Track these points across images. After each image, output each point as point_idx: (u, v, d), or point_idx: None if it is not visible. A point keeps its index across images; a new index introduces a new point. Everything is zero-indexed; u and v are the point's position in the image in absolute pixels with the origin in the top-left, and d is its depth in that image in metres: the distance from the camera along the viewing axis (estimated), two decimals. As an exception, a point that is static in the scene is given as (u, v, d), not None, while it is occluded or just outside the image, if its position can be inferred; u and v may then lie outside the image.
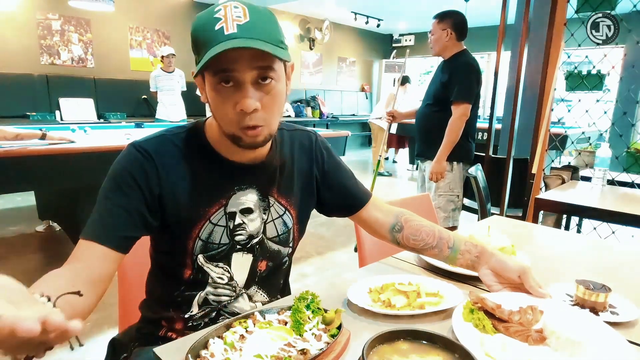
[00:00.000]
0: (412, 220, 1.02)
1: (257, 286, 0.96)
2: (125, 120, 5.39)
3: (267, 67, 0.74)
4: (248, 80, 0.73)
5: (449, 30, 2.50)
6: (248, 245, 0.91)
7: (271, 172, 0.91)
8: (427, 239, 0.99)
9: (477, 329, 0.76)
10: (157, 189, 0.80)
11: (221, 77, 0.73)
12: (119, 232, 0.76)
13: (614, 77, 3.22)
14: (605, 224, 2.22)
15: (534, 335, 0.74)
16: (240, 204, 0.88)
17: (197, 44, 0.74)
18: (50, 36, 5.60)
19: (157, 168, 0.80)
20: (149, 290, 0.98)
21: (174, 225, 0.84)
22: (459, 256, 0.96)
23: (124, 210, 0.77)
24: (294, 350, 0.67)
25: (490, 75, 6.79)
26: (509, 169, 2.78)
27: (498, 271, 0.91)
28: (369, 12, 8.47)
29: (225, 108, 0.75)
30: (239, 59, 0.71)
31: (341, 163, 1.05)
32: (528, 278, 0.87)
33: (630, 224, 1.85)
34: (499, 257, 0.92)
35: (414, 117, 2.84)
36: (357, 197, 1.03)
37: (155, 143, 0.83)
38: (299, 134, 1.00)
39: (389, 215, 1.03)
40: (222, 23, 0.71)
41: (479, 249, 0.95)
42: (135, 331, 0.97)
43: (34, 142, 2.40)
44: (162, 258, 0.92)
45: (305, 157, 0.98)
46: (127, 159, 0.80)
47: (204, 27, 0.73)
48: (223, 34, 0.70)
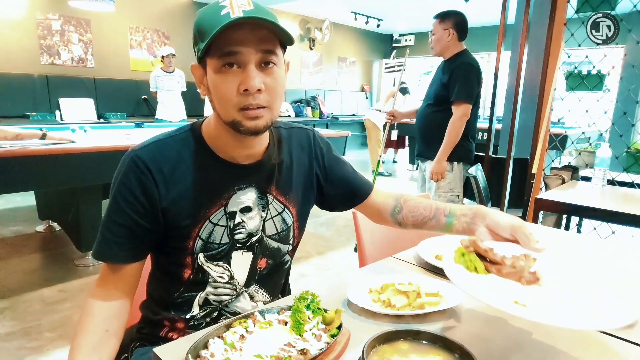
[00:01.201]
0: (410, 200, 1.03)
1: (257, 285, 0.96)
2: (125, 120, 5.39)
3: (270, 51, 0.76)
4: (252, 62, 0.75)
5: (451, 30, 2.50)
6: (248, 244, 0.91)
7: (269, 170, 0.92)
8: (424, 212, 0.99)
9: (469, 270, 0.75)
10: (157, 198, 0.81)
11: (225, 60, 0.74)
12: (121, 248, 0.82)
13: (614, 77, 3.22)
14: (605, 224, 2.22)
15: (527, 276, 0.73)
16: (240, 203, 0.88)
17: (201, 31, 0.75)
18: (50, 36, 5.60)
19: (154, 179, 0.81)
20: (150, 291, 0.98)
21: (176, 228, 0.84)
22: (455, 221, 0.94)
23: (124, 227, 0.82)
24: (294, 350, 0.67)
25: (490, 75, 6.79)
26: (509, 169, 2.78)
27: (492, 229, 0.88)
28: (369, 12, 8.47)
29: (228, 90, 0.76)
30: (244, 41, 0.74)
31: (341, 157, 1.06)
32: (520, 234, 0.82)
33: (630, 224, 1.85)
34: (492, 214, 0.89)
35: (414, 116, 2.84)
36: (361, 188, 1.05)
37: (153, 150, 0.83)
38: (297, 131, 1.01)
39: (390, 199, 1.05)
40: (228, 9, 0.73)
41: (474, 211, 0.92)
42: (135, 331, 0.97)
43: (34, 142, 2.40)
44: (162, 258, 0.92)
45: (304, 155, 0.99)
46: (125, 174, 0.82)
47: (209, 15, 0.75)
48: (229, 17, 0.72)
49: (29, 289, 2.53)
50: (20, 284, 2.58)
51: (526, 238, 0.80)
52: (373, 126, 6.63)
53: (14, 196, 4.54)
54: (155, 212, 0.82)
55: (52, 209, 3.50)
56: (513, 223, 0.84)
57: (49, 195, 3.43)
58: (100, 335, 0.80)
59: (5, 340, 2.03)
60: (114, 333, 0.83)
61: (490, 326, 0.83)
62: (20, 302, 2.38)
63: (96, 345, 0.80)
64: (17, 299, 2.41)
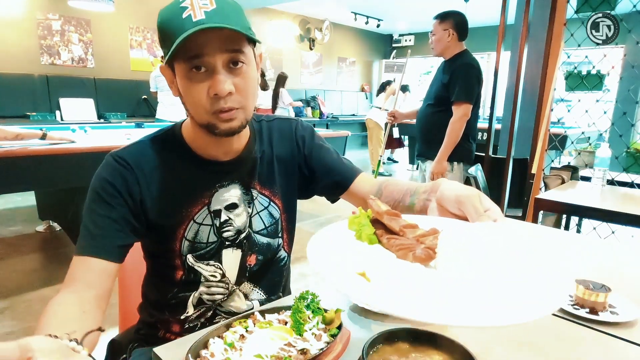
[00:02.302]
0: (390, 184, 0.93)
1: (250, 282, 0.95)
2: (126, 120, 5.39)
3: (237, 50, 0.74)
4: (220, 64, 0.73)
5: (451, 30, 2.50)
6: (236, 241, 0.91)
7: (251, 165, 0.91)
8: (396, 196, 0.88)
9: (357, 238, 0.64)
10: (138, 195, 0.81)
11: (192, 64, 0.73)
12: (109, 242, 0.77)
13: (613, 77, 3.22)
14: (605, 224, 2.22)
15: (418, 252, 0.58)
16: (225, 201, 0.88)
17: (165, 35, 0.74)
18: (50, 36, 5.60)
19: (136, 175, 0.81)
20: (145, 294, 0.98)
21: (159, 228, 0.84)
22: (415, 200, 0.83)
23: (110, 220, 0.78)
24: (294, 350, 0.67)
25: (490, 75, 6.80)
26: (508, 169, 2.78)
27: (440, 203, 0.72)
28: (369, 12, 8.47)
29: (198, 95, 0.75)
30: (209, 43, 0.72)
31: (325, 144, 1.01)
32: (468, 206, 0.66)
33: (630, 224, 1.85)
34: (444, 186, 0.73)
35: (414, 117, 2.84)
36: (344, 174, 0.97)
37: (133, 150, 0.84)
38: (278, 122, 0.99)
39: (374, 186, 0.96)
40: (189, 11, 0.71)
41: (431, 185, 0.80)
42: (134, 332, 0.98)
43: (34, 142, 2.40)
44: (153, 261, 0.92)
45: (285, 144, 0.97)
46: (105, 170, 0.81)
47: (170, 18, 0.73)
48: (191, 21, 0.70)
49: (29, 289, 2.53)
50: (20, 284, 2.58)
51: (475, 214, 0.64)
52: (375, 125, 6.62)
53: (14, 196, 4.54)
54: (137, 209, 0.81)
55: (52, 209, 3.50)
56: (459, 194, 0.67)
57: (49, 195, 3.42)
58: (77, 313, 0.69)
59: (5, 340, 2.02)
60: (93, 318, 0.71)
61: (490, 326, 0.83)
62: (20, 302, 2.38)
63: (72, 318, 0.67)
64: (17, 299, 2.41)
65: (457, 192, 0.68)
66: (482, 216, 0.63)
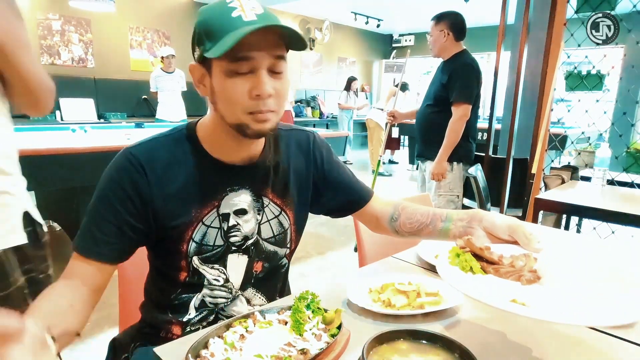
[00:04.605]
0: (408, 207, 1.01)
1: (253, 288, 0.95)
2: (126, 121, 5.40)
3: (282, 56, 0.77)
4: (265, 66, 0.75)
5: (446, 31, 2.50)
6: (243, 247, 0.90)
7: (264, 172, 0.91)
8: (421, 219, 0.97)
9: (464, 271, 0.73)
10: (148, 197, 0.81)
11: (238, 63, 0.73)
12: (113, 248, 0.79)
13: (613, 77, 3.22)
14: (605, 224, 2.22)
15: (527, 275, 0.71)
16: (234, 205, 0.88)
17: (210, 32, 0.74)
18: (50, 36, 5.60)
19: (147, 176, 0.80)
20: (147, 293, 0.98)
21: (168, 229, 0.84)
22: (451, 226, 0.92)
23: (116, 227, 0.79)
24: (294, 350, 0.67)
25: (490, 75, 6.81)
26: (508, 169, 2.78)
27: (490, 231, 0.85)
28: (369, 12, 8.47)
29: (237, 93, 0.75)
30: (259, 46, 0.73)
31: (341, 162, 1.05)
32: (519, 234, 0.80)
33: (630, 224, 1.85)
34: (489, 216, 0.87)
35: (414, 117, 2.84)
36: (360, 194, 1.03)
37: (147, 149, 0.83)
38: (296, 133, 1.00)
39: (388, 206, 1.03)
40: (239, 12, 0.72)
41: (470, 214, 0.91)
42: (135, 331, 0.97)
43: (34, 142, 2.40)
44: (157, 261, 0.92)
45: (302, 157, 0.98)
46: (117, 171, 0.81)
47: (218, 16, 0.74)
48: (242, 20, 0.71)
49: (29, 289, 2.52)
50: (21, 284, 2.58)
51: (526, 238, 0.79)
52: (376, 125, 6.63)
53: (14, 196, 4.53)
54: (146, 212, 0.81)
55: (52, 209, 3.50)
56: (510, 223, 0.82)
57: (49, 195, 3.43)
58: (65, 307, 0.72)
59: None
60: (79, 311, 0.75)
61: (490, 326, 0.83)
62: (20, 302, 2.38)
63: (59, 312, 0.71)
64: (17, 299, 2.41)
65: (508, 222, 0.83)
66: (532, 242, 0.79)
